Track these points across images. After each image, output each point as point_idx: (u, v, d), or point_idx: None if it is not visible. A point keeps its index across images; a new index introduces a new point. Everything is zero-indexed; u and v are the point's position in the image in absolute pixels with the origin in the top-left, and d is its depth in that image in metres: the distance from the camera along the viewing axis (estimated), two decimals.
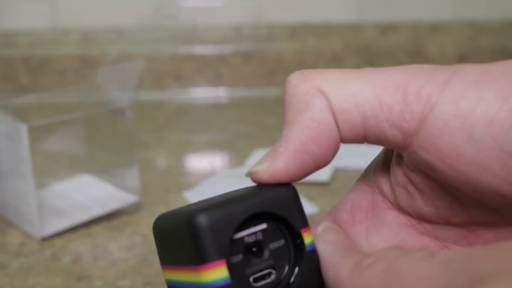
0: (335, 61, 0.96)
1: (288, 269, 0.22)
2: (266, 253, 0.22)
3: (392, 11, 0.98)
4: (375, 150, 0.26)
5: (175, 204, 0.54)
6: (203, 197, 0.54)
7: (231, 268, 0.21)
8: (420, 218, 0.24)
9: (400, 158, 0.23)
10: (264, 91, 0.96)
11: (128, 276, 0.42)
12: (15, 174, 0.47)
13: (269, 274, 0.22)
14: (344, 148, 0.26)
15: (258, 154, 0.65)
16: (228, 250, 0.21)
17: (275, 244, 0.22)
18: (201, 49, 0.95)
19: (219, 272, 0.20)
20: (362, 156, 0.62)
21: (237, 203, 0.21)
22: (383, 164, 0.25)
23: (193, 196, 0.55)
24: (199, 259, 0.20)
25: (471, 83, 0.21)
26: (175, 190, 0.57)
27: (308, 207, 0.51)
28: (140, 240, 0.47)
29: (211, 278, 0.20)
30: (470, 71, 0.21)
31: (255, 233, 0.22)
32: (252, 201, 0.22)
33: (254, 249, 0.22)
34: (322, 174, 0.58)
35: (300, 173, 0.23)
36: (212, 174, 0.60)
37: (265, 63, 0.95)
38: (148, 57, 0.49)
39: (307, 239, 0.22)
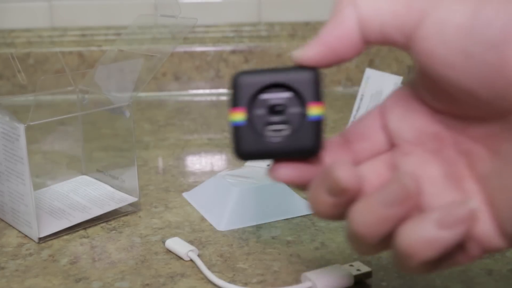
0: None
1: (296, 129, 0.30)
2: (285, 115, 0.30)
3: None
4: None
5: (174, 204, 0.53)
6: (202, 198, 0.54)
7: (252, 116, 0.30)
8: (434, 109, 0.31)
9: None
10: None
11: (127, 278, 0.41)
12: (12, 174, 0.47)
13: (283, 130, 0.30)
14: None
15: None
16: (251, 103, 0.30)
17: (293, 110, 0.30)
18: (200, 48, 0.94)
19: (239, 114, 0.30)
20: None
21: (268, 74, 0.30)
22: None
23: (192, 196, 0.54)
24: (231, 104, 0.30)
25: (454, 1, 0.28)
26: (174, 190, 0.56)
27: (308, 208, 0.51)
28: (138, 241, 0.47)
29: (235, 117, 0.30)
30: None
31: (280, 98, 0.30)
32: (280, 74, 0.30)
33: (277, 109, 0.30)
34: None
35: (322, 61, 0.30)
36: (212, 174, 0.60)
37: (265, 62, 0.95)
38: (147, 56, 0.49)
39: (315, 110, 0.30)
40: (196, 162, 0.65)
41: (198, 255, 0.44)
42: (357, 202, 0.29)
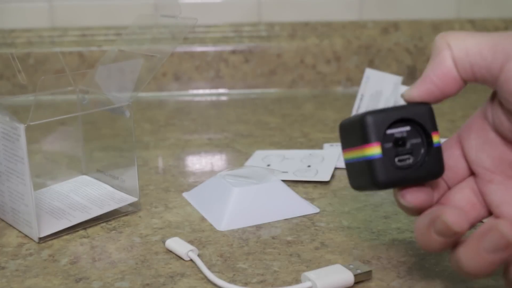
0: (336, 60, 0.95)
1: (421, 156, 0.35)
2: (408, 145, 0.35)
3: (393, 9, 0.98)
4: None
5: (174, 204, 0.53)
6: (202, 198, 0.54)
7: (383, 150, 0.34)
8: (509, 141, 0.35)
9: (496, 95, 0.34)
10: (264, 90, 0.96)
11: (127, 277, 0.41)
12: (12, 174, 0.47)
13: (408, 158, 0.35)
14: None
15: (258, 155, 0.65)
16: (382, 138, 0.34)
17: (414, 141, 0.35)
18: (200, 48, 0.94)
19: (375, 149, 0.34)
20: None
21: (391, 111, 0.34)
22: (490, 99, 0.36)
23: (192, 196, 0.54)
24: (364, 141, 0.34)
25: None
26: (174, 190, 0.56)
27: (308, 208, 0.51)
28: (139, 241, 0.47)
29: (370, 152, 0.34)
30: None
31: (402, 131, 0.35)
32: (401, 111, 0.34)
33: (400, 142, 0.35)
34: (323, 174, 0.57)
35: (428, 98, 0.35)
36: (212, 174, 0.60)
37: (265, 62, 0.95)
38: (147, 56, 0.49)
39: (435, 138, 0.35)
40: (196, 162, 0.65)
41: (198, 255, 0.44)
42: (463, 246, 0.33)
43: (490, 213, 0.36)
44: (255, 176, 0.52)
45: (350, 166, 0.37)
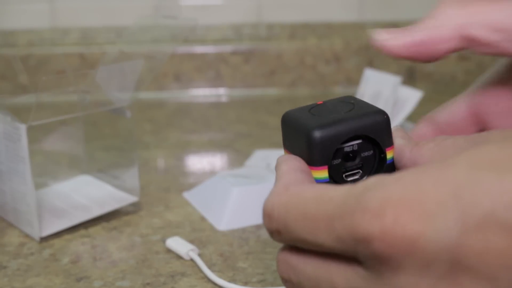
0: (336, 60, 0.96)
1: (371, 172, 0.30)
2: (358, 159, 0.30)
3: (393, 10, 0.98)
4: None
5: (175, 204, 0.53)
6: (202, 198, 0.54)
7: (331, 168, 0.29)
8: None
9: None
10: (264, 91, 0.96)
11: (128, 277, 0.42)
12: (14, 174, 0.47)
13: (358, 173, 0.30)
14: None
15: (258, 155, 0.65)
16: (331, 159, 0.29)
17: (365, 154, 0.30)
18: (201, 49, 0.95)
19: (322, 173, 0.29)
20: None
21: (342, 126, 0.29)
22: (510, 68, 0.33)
23: (193, 196, 0.54)
24: (310, 162, 0.29)
25: None
26: (174, 190, 0.57)
27: None
28: (139, 240, 0.47)
29: (316, 175, 0.29)
30: None
31: (352, 145, 0.29)
32: (353, 124, 0.29)
33: (350, 155, 0.30)
34: None
35: (406, 54, 0.32)
36: (212, 174, 0.60)
37: (265, 63, 0.95)
38: (148, 57, 0.49)
39: (389, 154, 0.30)
40: (197, 162, 0.65)
41: (199, 255, 0.44)
42: None
43: None
44: (255, 176, 0.53)
45: None
